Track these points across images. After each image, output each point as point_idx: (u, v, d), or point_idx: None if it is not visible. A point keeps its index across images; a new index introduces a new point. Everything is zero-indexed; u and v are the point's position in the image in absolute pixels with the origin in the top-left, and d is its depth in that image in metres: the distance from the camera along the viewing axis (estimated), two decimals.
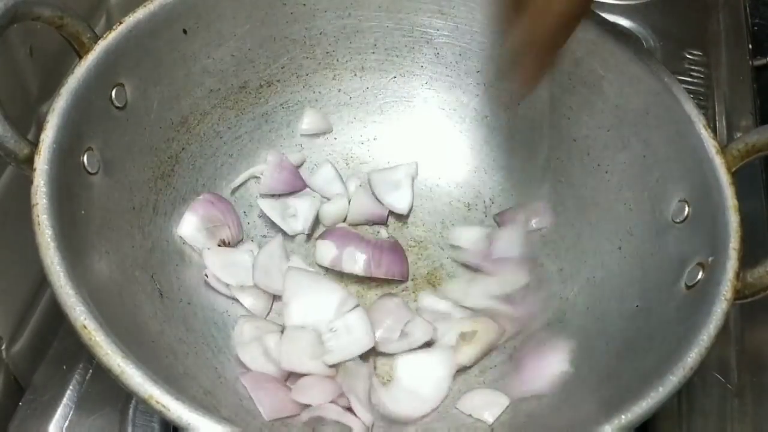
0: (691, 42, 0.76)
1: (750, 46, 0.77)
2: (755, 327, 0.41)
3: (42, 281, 0.54)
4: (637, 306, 0.49)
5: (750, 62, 0.76)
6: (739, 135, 0.55)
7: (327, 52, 0.59)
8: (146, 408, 0.40)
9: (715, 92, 0.73)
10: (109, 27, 0.48)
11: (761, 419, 0.54)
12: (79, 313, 0.38)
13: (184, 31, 0.52)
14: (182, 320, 0.50)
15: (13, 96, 0.47)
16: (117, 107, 0.48)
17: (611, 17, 0.61)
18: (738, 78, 0.74)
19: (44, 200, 0.41)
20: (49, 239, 0.40)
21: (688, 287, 0.45)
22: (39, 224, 0.40)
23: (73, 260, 0.40)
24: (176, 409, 0.36)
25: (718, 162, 0.47)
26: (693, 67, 0.74)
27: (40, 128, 0.51)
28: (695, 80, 0.73)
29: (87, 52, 0.46)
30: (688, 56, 0.75)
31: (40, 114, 0.52)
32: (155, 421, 0.51)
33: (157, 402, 0.37)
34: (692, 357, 0.40)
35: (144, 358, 0.39)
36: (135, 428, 0.51)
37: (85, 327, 0.38)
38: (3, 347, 0.52)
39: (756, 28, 0.78)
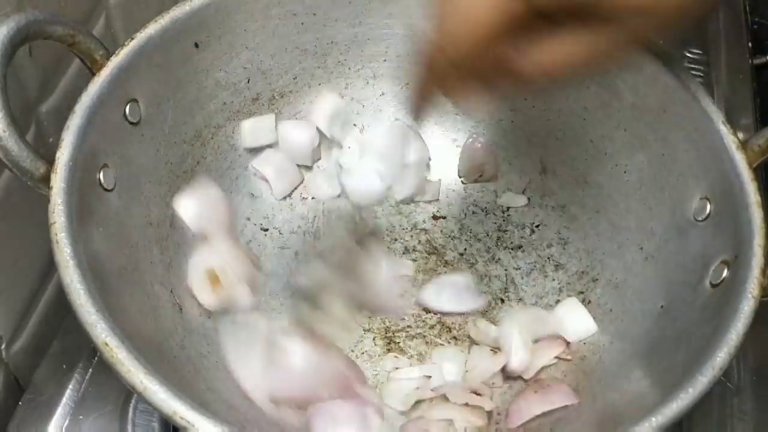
0: (690, 40, 0.76)
1: (750, 45, 0.77)
2: (755, 327, 0.41)
3: (42, 281, 0.55)
4: (661, 307, 0.48)
5: (750, 61, 0.75)
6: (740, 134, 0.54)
7: (339, 61, 0.59)
8: (166, 418, 0.40)
9: (714, 91, 0.72)
10: (108, 28, 0.47)
11: (761, 419, 0.53)
12: (101, 331, 0.38)
13: (196, 45, 0.52)
14: (203, 335, 0.50)
15: (13, 96, 0.47)
16: (131, 123, 0.48)
17: None
18: (738, 77, 0.74)
19: (62, 219, 0.41)
20: (68, 258, 0.40)
21: (714, 286, 0.45)
22: (58, 243, 0.40)
23: (93, 278, 0.40)
24: (201, 425, 0.36)
25: (739, 158, 0.46)
26: (693, 66, 0.74)
27: (39, 128, 0.50)
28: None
29: (100, 68, 0.46)
30: (688, 55, 0.75)
31: (39, 114, 0.51)
32: (155, 420, 0.51)
33: (182, 418, 0.36)
34: (721, 357, 0.40)
35: (166, 373, 0.38)
36: (135, 428, 0.51)
37: (106, 344, 0.38)
38: (3, 347, 0.51)
39: (756, 26, 0.78)
